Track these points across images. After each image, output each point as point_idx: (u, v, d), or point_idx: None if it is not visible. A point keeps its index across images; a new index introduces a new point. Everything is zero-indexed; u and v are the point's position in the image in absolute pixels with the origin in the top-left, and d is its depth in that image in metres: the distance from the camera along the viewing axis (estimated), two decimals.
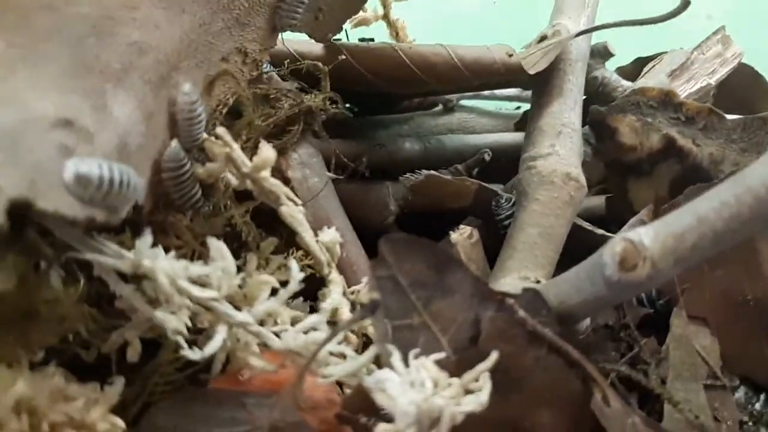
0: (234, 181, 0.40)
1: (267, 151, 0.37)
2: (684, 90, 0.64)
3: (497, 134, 0.69)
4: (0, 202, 0.27)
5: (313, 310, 0.47)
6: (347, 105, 0.57)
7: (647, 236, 0.37)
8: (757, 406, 0.50)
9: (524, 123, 0.70)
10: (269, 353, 0.41)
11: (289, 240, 0.48)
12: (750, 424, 0.50)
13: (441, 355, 0.37)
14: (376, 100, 0.67)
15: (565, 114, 0.54)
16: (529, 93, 0.75)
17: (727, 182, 0.35)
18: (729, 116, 0.58)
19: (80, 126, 0.32)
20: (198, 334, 0.39)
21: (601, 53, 0.64)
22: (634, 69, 0.71)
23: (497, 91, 0.74)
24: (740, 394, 0.51)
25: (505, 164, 0.66)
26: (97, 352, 0.40)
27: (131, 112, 0.35)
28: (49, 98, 0.31)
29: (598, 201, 0.63)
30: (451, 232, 0.52)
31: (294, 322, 0.42)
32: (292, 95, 0.49)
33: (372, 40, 0.66)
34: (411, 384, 0.35)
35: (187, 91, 0.38)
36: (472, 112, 0.73)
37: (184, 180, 0.40)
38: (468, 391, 0.35)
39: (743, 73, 0.71)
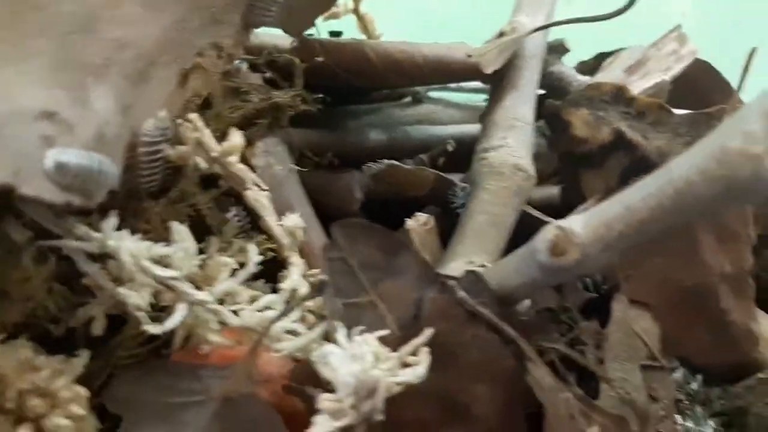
0: (203, 164, 0.43)
1: (236, 137, 0.40)
2: (639, 86, 0.66)
3: (461, 125, 0.71)
4: None
5: (275, 291, 0.50)
6: (320, 95, 0.59)
7: (578, 224, 0.40)
8: (694, 386, 0.53)
9: None
10: (228, 330, 0.43)
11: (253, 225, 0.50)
12: (686, 402, 0.53)
13: (386, 332, 0.40)
14: (345, 90, 0.70)
15: (518, 108, 0.56)
16: None
17: (654, 174, 0.38)
18: (678, 111, 0.60)
19: (62, 118, 0.35)
20: (162, 312, 0.42)
21: (558, 49, 0.66)
22: (595, 64, 0.73)
23: (463, 84, 0.76)
24: (679, 374, 0.54)
25: (468, 154, 0.68)
26: (65, 327, 0.43)
27: (110, 104, 0.38)
28: (35, 92, 0.35)
29: (555, 190, 0.66)
30: (407, 219, 0.55)
31: (252, 301, 0.45)
32: (261, 90, 0.51)
33: (341, 33, 0.68)
34: (353, 357, 0.37)
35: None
36: (439, 103, 0.75)
37: (156, 159, 0.42)
38: (407, 365, 0.38)
39: (699, 68, 0.73)
